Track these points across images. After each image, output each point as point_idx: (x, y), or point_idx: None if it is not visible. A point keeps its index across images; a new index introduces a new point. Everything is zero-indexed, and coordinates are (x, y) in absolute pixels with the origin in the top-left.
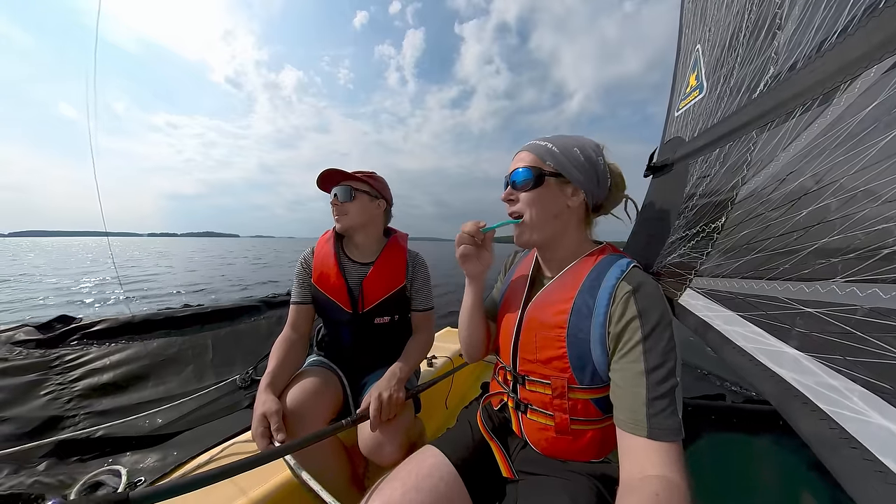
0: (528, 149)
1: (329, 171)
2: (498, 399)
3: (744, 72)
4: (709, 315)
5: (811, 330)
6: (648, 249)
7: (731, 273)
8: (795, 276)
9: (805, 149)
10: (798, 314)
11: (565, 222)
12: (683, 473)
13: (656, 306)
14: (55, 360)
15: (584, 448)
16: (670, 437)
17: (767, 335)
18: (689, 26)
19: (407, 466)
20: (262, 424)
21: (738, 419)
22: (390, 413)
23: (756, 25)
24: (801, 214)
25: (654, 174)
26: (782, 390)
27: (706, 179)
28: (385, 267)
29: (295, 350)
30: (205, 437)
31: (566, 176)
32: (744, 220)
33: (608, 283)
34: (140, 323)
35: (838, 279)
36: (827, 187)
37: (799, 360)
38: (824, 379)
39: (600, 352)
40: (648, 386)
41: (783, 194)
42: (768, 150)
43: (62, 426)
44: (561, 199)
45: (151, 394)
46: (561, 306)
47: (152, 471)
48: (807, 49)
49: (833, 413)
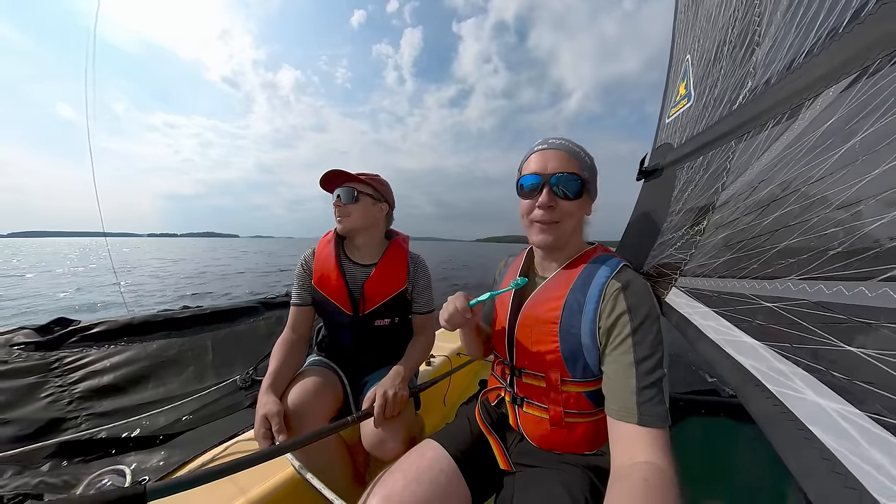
0: (565, 150)
1: (333, 171)
2: (495, 394)
3: (727, 83)
4: (689, 312)
5: (768, 322)
6: (640, 250)
7: (710, 273)
8: (761, 274)
9: (775, 158)
10: (759, 308)
11: (581, 229)
12: (670, 459)
13: (644, 302)
14: (55, 362)
15: (578, 440)
16: (658, 424)
17: (733, 327)
18: (682, 36)
19: (408, 459)
20: (264, 426)
21: (727, 413)
22: (394, 410)
23: (739, 39)
24: (768, 219)
25: (645, 178)
26: (741, 376)
27: (692, 184)
28: (387, 270)
29: (295, 351)
30: (207, 437)
31: (591, 186)
32: (722, 223)
33: (598, 281)
34: (139, 325)
35: (793, 277)
36: (791, 194)
37: (755, 349)
38: (774, 364)
39: (591, 346)
40: (638, 375)
41: (756, 200)
42: (745, 158)
43: (64, 428)
44: (586, 209)
45: (152, 395)
46: (554, 303)
47: (156, 470)
48: (780, 65)
49: (778, 393)
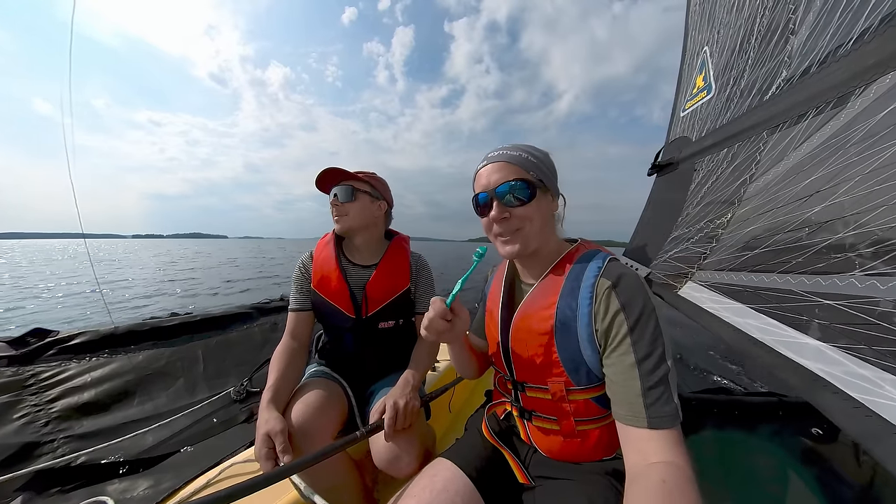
0: (504, 159)
1: (329, 170)
2: (502, 408)
3: (755, 74)
4: (715, 307)
5: (831, 321)
6: (651, 245)
7: (738, 266)
8: (809, 269)
9: (816, 149)
10: (816, 306)
11: (551, 228)
12: (686, 457)
13: (637, 296)
14: (29, 378)
15: (594, 447)
16: (669, 424)
17: (785, 327)
18: (696, 28)
19: (420, 482)
20: (267, 445)
21: (740, 411)
22: (406, 422)
23: (769, 29)
24: (812, 211)
25: (658, 173)
26: (809, 381)
27: (713, 177)
28: (388, 269)
29: (296, 360)
30: (200, 458)
31: (547, 184)
32: (751, 216)
33: (587, 281)
34: (123, 335)
35: (857, 272)
36: (839, 185)
37: (822, 351)
38: (853, 369)
39: (591, 351)
40: (641, 376)
41: (795, 192)
42: (778, 150)
43: (39, 453)
44: (548, 208)
45: (138, 412)
46: (545, 312)
47: (143, 500)
48: (821, 54)
49: (867, 402)
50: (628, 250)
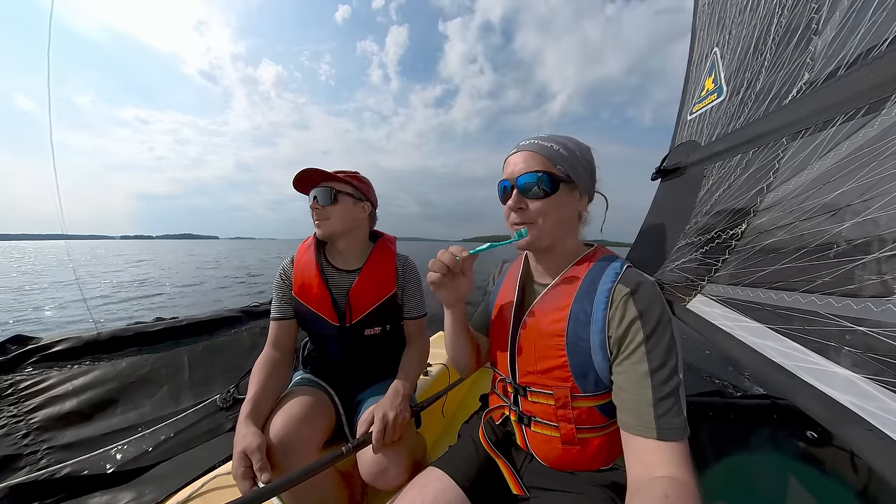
0: (533, 149)
1: (307, 171)
2: (499, 413)
3: (772, 77)
4: (728, 325)
5: (865, 350)
6: (655, 253)
7: (755, 282)
8: (839, 291)
9: (846, 159)
10: (846, 332)
11: (571, 227)
12: (692, 473)
13: (655, 306)
14: (8, 388)
15: (593, 457)
16: (678, 436)
17: (809, 352)
18: (705, 28)
19: (410, 494)
20: (244, 464)
21: (735, 414)
22: (396, 435)
23: (788, 30)
24: (842, 226)
25: (663, 177)
26: (837, 414)
27: (724, 185)
28: (373, 274)
29: (278, 371)
30: (185, 469)
31: (576, 181)
32: (768, 228)
33: (604, 286)
34: (106, 341)
35: (895, 298)
36: (875, 199)
37: (854, 383)
38: (890, 405)
39: (601, 357)
40: (654, 386)
41: (820, 204)
42: (800, 158)
43: (18, 466)
44: (572, 206)
45: (121, 421)
46: (558, 314)
47: None
48: (849, 56)
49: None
50: (631, 256)
